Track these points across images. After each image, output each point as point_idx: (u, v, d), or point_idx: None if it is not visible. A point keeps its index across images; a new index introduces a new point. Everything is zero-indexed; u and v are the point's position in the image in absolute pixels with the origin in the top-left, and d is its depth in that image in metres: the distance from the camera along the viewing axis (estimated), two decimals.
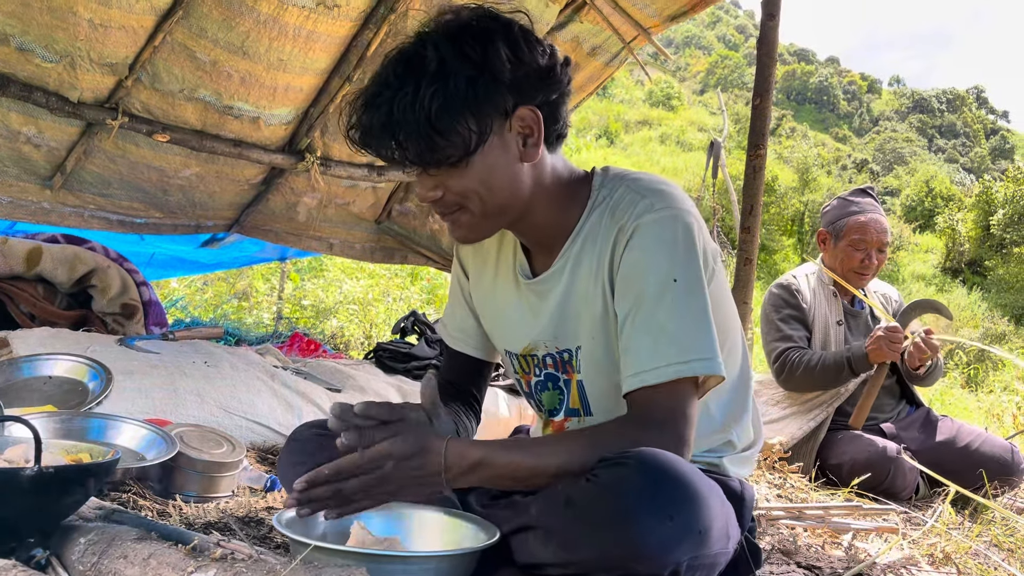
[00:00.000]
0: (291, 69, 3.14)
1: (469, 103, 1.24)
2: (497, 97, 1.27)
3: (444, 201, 1.33)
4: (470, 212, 1.33)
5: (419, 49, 1.26)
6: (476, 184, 1.30)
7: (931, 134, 68.65)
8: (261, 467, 2.25)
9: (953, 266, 26.91)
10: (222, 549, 1.17)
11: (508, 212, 1.36)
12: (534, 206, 1.38)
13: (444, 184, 1.30)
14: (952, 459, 2.76)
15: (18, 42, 2.55)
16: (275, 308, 6.70)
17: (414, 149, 1.25)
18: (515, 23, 1.31)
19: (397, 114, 1.23)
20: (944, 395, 7.98)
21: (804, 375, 2.89)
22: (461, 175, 1.29)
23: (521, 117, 1.30)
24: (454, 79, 1.23)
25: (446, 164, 1.27)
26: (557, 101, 1.34)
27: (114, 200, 3.29)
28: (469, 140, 1.25)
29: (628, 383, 1.28)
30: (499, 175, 1.31)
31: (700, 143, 34.27)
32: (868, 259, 2.98)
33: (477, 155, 1.27)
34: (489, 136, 1.28)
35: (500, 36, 1.27)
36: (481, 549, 1.22)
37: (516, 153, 1.32)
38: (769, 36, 3.54)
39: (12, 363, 2.25)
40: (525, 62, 1.28)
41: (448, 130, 1.24)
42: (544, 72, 1.30)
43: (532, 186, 1.35)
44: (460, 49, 1.24)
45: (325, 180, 3.75)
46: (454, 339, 1.65)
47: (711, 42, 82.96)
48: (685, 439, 1.24)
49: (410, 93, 1.22)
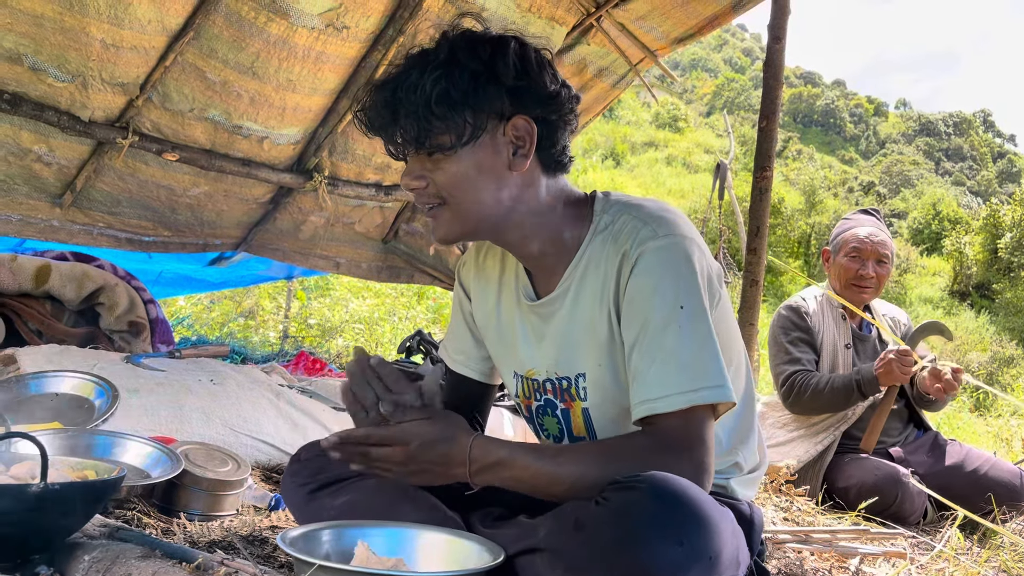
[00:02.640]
0: (300, 89, 3.17)
1: (468, 96, 1.29)
2: (496, 98, 1.31)
3: (427, 192, 1.36)
4: (450, 209, 1.36)
5: (436, 45, 1.34)
6: (460, 178, 1.33)
7: (938, 157, 68.72)
8: (266, 486, 2.25)
9: (960, 289, 26.81)
10: (226, 568, 1.16)
11: (487, 217, 1.36)
12: (520, 222, 1.39)
13: (431, 172, 1.34)
14: (960, 483, 2.74)
15: (31, 61, 2.58)
16: (281, 327, 6.71)
17: (411, 129, 1.30)
18: (535, 46, 1.37)
19: (400, 93, 1.30)
20: (952, 419, 7.92)
21: (812, 398, 2.88)
22: (448, 166, 1.32)
23: (516, 126, 1.33)
24: (459, 71, 1.29)
25: (437, 149, 1.31)
26: (556, 124, 1.36)
27: (123, 218, 3.31)
28: (463, 130, 1.30)
29: (637, 410, 1.28)
30: (484, 175, 1.33)
31: (706, 165, 34.36)
32: (864, 270, 2.97)
33: (468, 148, 1.31)
34: (482, 134, 1.31)
35: (513, 48, 1.33)
36: (486, 570, 1.22)
37: (505, 160, 1.34)
38: (775, 59, 3.56)
39: (19, 380, 2.26)
40: (530, 76, 1.33)
41: (443, 115, 1.28)
42: (547, 93, 1.34)
43: (516, 198, 1.37)
44: (472, 47, 1.31)
45: (333, 199, 3.76)
46: (455, 361, 1.65)
47: (718, 65, 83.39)
48: (705, 466, 1.24)
49: (415, 76, 1.29)
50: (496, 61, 1.30)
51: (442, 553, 1.33)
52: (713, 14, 3.77)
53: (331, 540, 1.31)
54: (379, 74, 3.25)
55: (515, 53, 1.32)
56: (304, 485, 1.50)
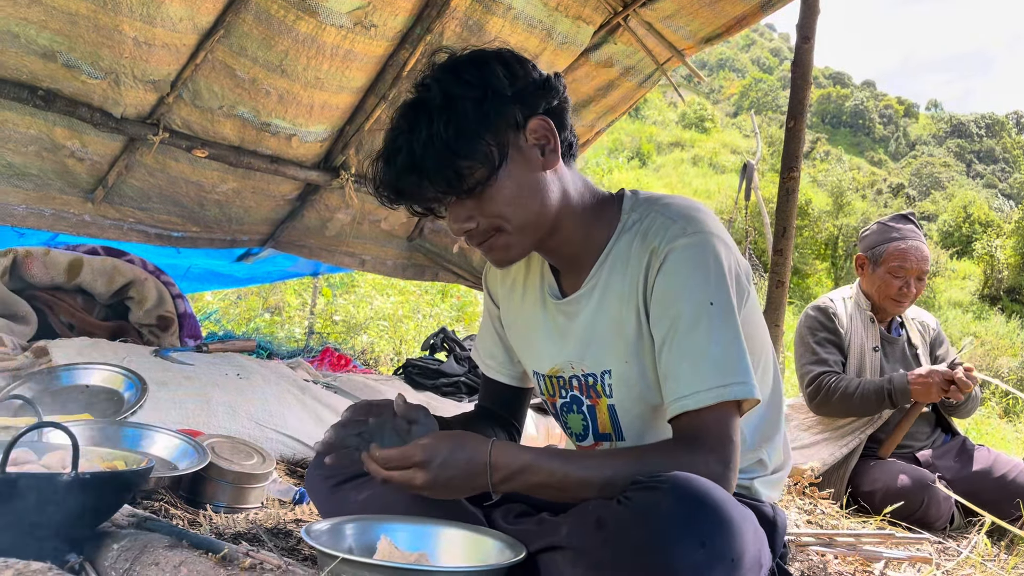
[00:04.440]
0: (328, 87, 3.19)
1: (482, 122, 1.28)
2: (506, 112, 1.30)
3: (479, 229, 1.34)
4: (506, 233, 1.35)
5: (422, 92, 1.31)
6: (507, 202, 1.32)
7: (969, 159, 67.70)
8: (290, 480, 2.27)
9: (991, 293, 26.37)
10: (251, 559, 1.18)
11: (542, 224, 1.37)
12: (563, 219, 1.39)
13: (477, 210, 1.32)
14: (988, 489, 2.71)
15: (65, 58, 2.62)
16: (307, 323, 6.76)
17: (443, 181, 1.28)
18: (503, 49, 1.37)
19: (419, 152, 1.27)
20: (981, 424, 7.81)
21: (841, 401, 2.84)
22: (492, 197, 1.31)
23: (533, 128, 1.33)
24: (461, 104, 1.27)
25: (476, 187, 1.29)
26: (559, 108, 1.37)
27: (153, 214, 3.35)
28: (492, 156, 1.28)
29: (671, 408, 1.29)
30: (527, 188, 1.33)
31: (733, 165, 34.08)
32: (907, 287, 2.92)
33: (503, 170, 1.30)
34: (509, 150, 1.31)
35: (493, 59, 1.33)
36: (508, 566, 1.22)
37: (538, 163, 1.34)
38: (804, 59, 3.53)
39: (51, 371, 2.29)
40: (521, 76, 1.33)
41: (470, 153, 1.27)
42: (540, 83, 1.35)
43: (560, 195, 1.37)
44: (459, 77, 1.29)
45: (359, 197, 3.79)
46: (487, 367, 1.68)
47: (745, 65, 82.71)
48: (731, 463, 1.24)
49: (424, 130, 1.26)
50: (489, 78, 1.30)
51: (464, 549, 1.34)
52: (741, 14, 3.75)
53: (354, 534, 1.32)
54: (406, 72, 3.27)
55: (497, 62, 1.32)
56: (329, 478, 1.52)
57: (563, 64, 3.60)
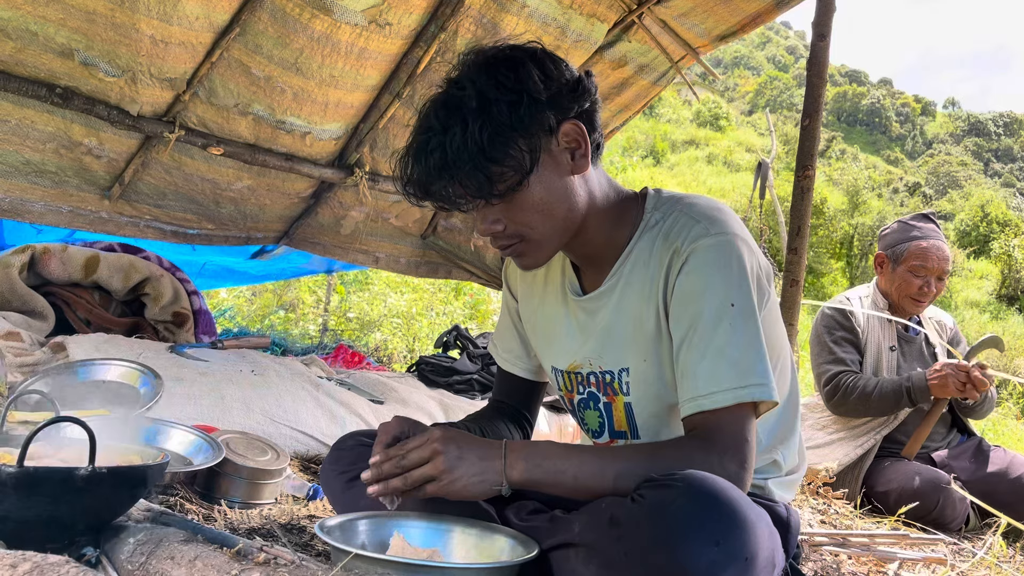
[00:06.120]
0: (342, 85, 3.20)
1: (516, 127, 1.26)
2: (540, 116, 1.29)
3: (506, 233, 1.34)
4: (534, 237, 1.35)
5: (455, 91, 1.29)
6: (537, 207, 1.32)
7: (987, 158, 67.12)
8: (304, 476, 2.28)
9: (1009, 293, 26.14)
10: (265, 554, 1.18)
11: (568, 229, 1.37)
12: (588, 220, 1.39)
13: (505, 214, 1.32)
14: (1004, 490, 2.69)
15: (83, 56, 2.64)
16: (321, 320, 6.78)
17: (474, 184, 1.27)
18: (536, 48, 1.35)
19: (451, 155, 1.25)
20: (997, 425, 7.75)
21: (858, 401, 2.83)
22: (522, 201, 1.31)
23: (566, 132, 1.32)
24: (496, 107, 1.25)
25: (506, 192, 1.29)
26: (591, 110, 1.36)
27: (168, 211, 3.37)
28: (524, 161, 1.28)
29: (686, 407, 1.29)
30: (555, 193, 1.33)
31: (747, 164, 33.94)
32: (927, 286, 2.90)
33: (533, 176, 1.29)
34: (540, 155, 1.30)
35: (528, 60, 1.31)
36: (520, 563, 1.22)
37: (567, 167, 1.33)
38: (820, 56, 3.51)
39: (68, 367, 2.32)
40: (555, 79, 1.31)
41: (503, 157, 1.26)
42: (574, 85, 1.33)
43: (587, 199, 1.37)
44: (495, 79, 1.27)
45: (373, 195, 3.80)
46: (504, 360, 1.69)
47: (760, 62, 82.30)
48: (747, 463, 1.24)
49: (459, 132, 1.25)
50: (525, 81, 1.28)
51: (477, 546, 1.34)
52: (756, 11, 3.73)
53: (368, 530, 1.33)
54: (420, 70, 3.28)
55: (533, 63, 1.30)
56: (343, 473, 1.52)
57: (577, 62, 3.59)
